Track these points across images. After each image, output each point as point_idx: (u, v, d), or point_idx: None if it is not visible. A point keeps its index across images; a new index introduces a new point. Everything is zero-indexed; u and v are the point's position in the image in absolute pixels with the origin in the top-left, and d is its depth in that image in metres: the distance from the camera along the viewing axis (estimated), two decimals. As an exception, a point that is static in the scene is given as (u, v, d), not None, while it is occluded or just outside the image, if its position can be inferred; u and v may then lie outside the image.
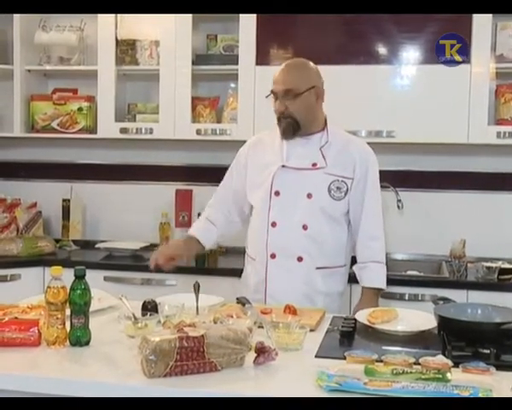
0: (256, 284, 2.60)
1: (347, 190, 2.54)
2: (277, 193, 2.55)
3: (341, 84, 3.33)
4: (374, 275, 2.60)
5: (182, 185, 3.84)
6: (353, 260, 2.69)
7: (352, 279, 2.93)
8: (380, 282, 2.60)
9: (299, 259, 2.54)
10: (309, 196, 2.53)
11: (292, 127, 2.52)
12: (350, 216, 2.60)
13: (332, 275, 2.59)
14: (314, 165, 2.55)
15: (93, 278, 1.98)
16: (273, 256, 2.55)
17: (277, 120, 2.55)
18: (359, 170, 2.56)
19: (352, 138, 2.67)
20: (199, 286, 2.30)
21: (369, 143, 2.69)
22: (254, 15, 3.36)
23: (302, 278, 2.54)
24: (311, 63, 2.58)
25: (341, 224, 2.59)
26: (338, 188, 2.54)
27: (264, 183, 2.58)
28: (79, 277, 1.88)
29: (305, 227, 2.53)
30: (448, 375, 1.58)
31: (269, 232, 2.55)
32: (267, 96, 2.57)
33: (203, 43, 3.73)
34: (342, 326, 2.07)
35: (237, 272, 2.80)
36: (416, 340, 2.01)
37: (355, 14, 3.17)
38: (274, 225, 2.55)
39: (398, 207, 3.54)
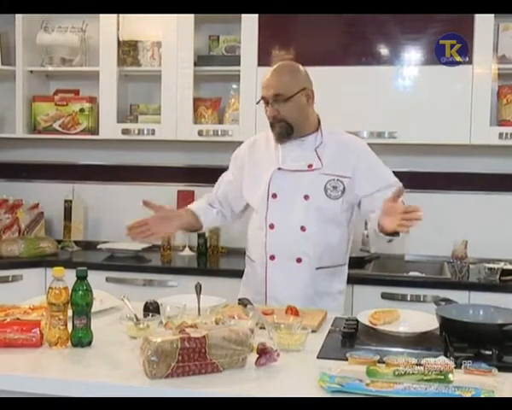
0: (256, 286, 2.60)
1: (344, 188, 2.53)
2: (274, 195, 2.55)
3: (343, 84, 3.34)
4: None
5: (183, 186, 3.83)
6: (350, 261, 2.69)
7: (352, 279, 2.93)
8: None
9: (299, 260, 2.53)
10: (306, 197, 2.53)
11: (286, 131, 2.52)
12: (363, 208, 2.55)
13: (332, 274, 2.58)
14: (310, 166, 2.54)
15: (95, 278, 1.98)
16: (272, 258, 2.55)
17: (270, 125, 2.55)
18: (358, 166, 2.54)
19: (346, 136, 2.65)
20: (200, 287, 2.30)
21: (370, 144, 2.69)
22: (256, 16, 3.36)
23: (302, 279, 2.53)
24: (300, 66, 2.57)
25: (340, 223, 2.58)
26: (334, 187, 2.53)
27: (260, 186, 2.58)
28: (81, 278, 1.88)
29: (303, 228, 2.52)
30: (450, 376, 1.58)
31: (267, 234, 2.55)
32: (257, 102, 2.57)
33: (205, 44, 3.73)
34: (344, 327, 2.07)
35: (239, 273, 2.79)
36: (418, 341, 2.01)
37: (356, 15, 3.17)
38: (272, 227, 2.54)
39: (400, 208, 3.53)
